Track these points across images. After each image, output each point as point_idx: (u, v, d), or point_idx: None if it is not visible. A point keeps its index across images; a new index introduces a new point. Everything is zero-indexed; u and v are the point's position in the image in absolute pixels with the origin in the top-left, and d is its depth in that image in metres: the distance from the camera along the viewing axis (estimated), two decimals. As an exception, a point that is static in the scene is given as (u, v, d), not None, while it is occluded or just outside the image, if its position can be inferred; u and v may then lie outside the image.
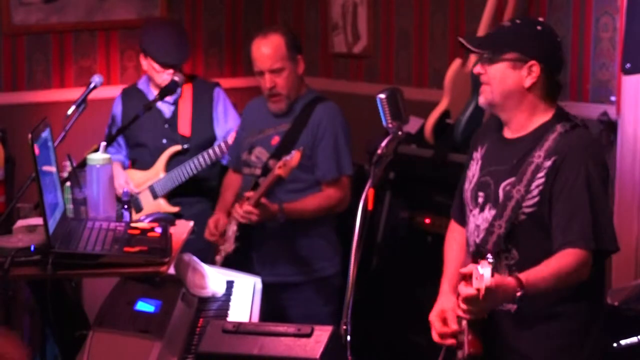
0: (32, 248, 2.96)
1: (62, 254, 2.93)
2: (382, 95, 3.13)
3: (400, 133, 3.11)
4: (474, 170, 3.14)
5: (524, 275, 2.81)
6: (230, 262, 4.18)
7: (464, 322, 2.97)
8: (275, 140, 4.24)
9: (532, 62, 2.98)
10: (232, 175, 4.50)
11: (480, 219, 3.06)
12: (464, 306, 2.81)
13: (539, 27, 3.04)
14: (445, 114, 4.68)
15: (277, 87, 4.20)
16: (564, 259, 2.88)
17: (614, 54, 4.18)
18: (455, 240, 3.29)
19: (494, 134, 3.13)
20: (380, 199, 4.83)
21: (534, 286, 2.82)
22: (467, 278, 2.79)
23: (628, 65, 3.94)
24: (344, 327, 2.94)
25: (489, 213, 3.02)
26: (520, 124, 3.04)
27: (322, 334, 2.73)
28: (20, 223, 3.28)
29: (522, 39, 3.00)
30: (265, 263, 4.22)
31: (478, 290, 2.67)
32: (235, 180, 4.46)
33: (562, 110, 3.07)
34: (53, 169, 3.27)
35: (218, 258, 4.24)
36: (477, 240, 3.03)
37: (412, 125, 4.75)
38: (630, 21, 3.92)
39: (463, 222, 3.24)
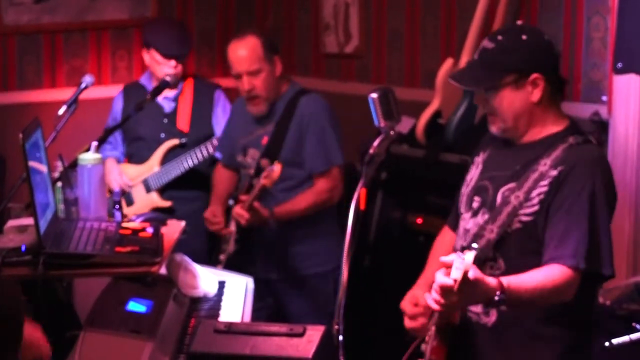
0: (23, 248, 2.95)
1: (53, 254, 2.93)
2: (374, 95, 3.12)
3: (392, 133, 3.10)
4: (472, 174, 3.04)
5: (506, 280, 2.65)
6: (232, 261, 4.20)
7: (432, 328, 2.89)
8: (266, 140, 4.25)
9: (534, 75, 2.83)
10: (222, 169, 4.53)
11: (471, 223, 2.95)
12: (436, 296, 2.61)
13: (524, 37, 2.89)
14: (437, 114, 4.67)
15: (255, 89, 4.20)
16: (550, 274, 2.72)
17: (605, 54, 4.18)
18: (441, 243, 3.20)
19: (499, 139, 2.99)
20: (372, 199, 4.83)
21: (515, 293, 2.65)
22: (446, 267, 2.59)
23: (619, 64, 3.94)
24: (336, 326, 2.93)
25: (482, 218, 2.91)
26: (531, 135, 2.91)
27: (314, 334, 2.73)
28: (11, 223, 3.27)
29: (514, 57, 2.84)
30: (265, 261, 4.24)
31: (455, 281, 2.50)
32: (225, 174, 4.48)
33: (575, 123, 2.94)
34: (44, 169, 3.27)
35: (222, 257, 4.26)
36: (464, 244, 2.92)
37: (404, 125, 4.75)
38: (622, 21, 3.92)
39: (455, 228, 3.14)
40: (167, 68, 4.77)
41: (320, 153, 4.20)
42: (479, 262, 2.74)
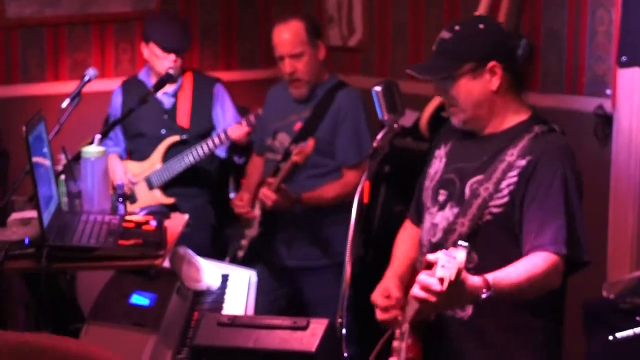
0: (27, 241, 2.95)
1: (56, 247, 2.93)
2: (378, 88, 3.12)
3: (395, 126, 3.10)
4: (436, 168, 3.01)
5: (491, 276, 2.60)
6: (254, 246, 4.21)
7: (405, 325, 2.87)
8: (298, 126, 4.27)
9: (492, 63, 2.84)
10: (256, 158, 4.56)
11: (439, 217, 2.92)
12: (421, 293, 2.51)
13: (481, 26, 2.89)
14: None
15: (297, 72, 4.23)
16: (536, 262, 2.70)
17: (609, 47, 4.17)
18: (408, 238, 3.18)
19: (460, 132, 2.98)
20: (376, 192, 4.82)
21: (502, 289, 2.61)
22: (430, 267, 2.53)
23: (624, 58, 3.93)
24: (340, 320, 2.93)
25: (450, 211, 2.89)
26: (494, 125, 2.91)
27: (317, 327, 2.72)
28: (15, 216, 3.27)
29: (471, 46, 2.85)
30: (288, 247, 4.27)
31: (441, 279, 2.44)
32: (258, 163, 4.51)
33: (538, 113, 2.95)
34: (47, 162, 3.27)
35: (244, 242, 4.27)
36: (434, 240, 2.90)
37: (408, 118, 4.74)
38: (626, 14, 3.91)
39: (418, 222, 3.14)
40: (166, 62, 4.76)
41: (354, 146, 4.23)
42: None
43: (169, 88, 4.86)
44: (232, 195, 5.21)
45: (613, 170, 4.11)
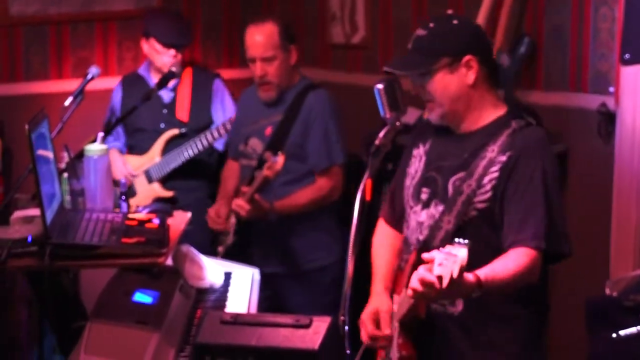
0: (30, 239, 2.96)
1: (59, 244, 2.93)
2: (380, 86, 3.12)
3: (398, 124, 3.10)
4: (416, 167, 3.04)
5: (482, 273, 2.67)
6: (231, 254, 4.19)
7: (396, 324, 2.90)
8: (269, 130, 4.24)
9: (467, 57, 2.88)
10: (232, 164, 4.52)
11: (423, 215, 2.96)
12: (418, 286, 2.54)
13: (455, 22, 2.95)
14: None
15: (267, 75, 4.20)
16: (518, 259, 2.76)
17: (613, 45, 4.16)
18: (385, 240, 3.20)
19: (438, 128, 3.02)
20: (378, 190, 4.81)
21: (491, 285, 2.68)
22: (427, 264, 2.56)
23: (627, 55, 3.92)
24: (342, 318, 2.93)
25: (435, 209, 2.92)
26: (471, 121, 2.95)
27: (320, 325, 2.73)
28: (18, 214, 3.27)
29: (447, 41, 2.90)
30: (265, 254, 4.23)
31: (439, 277, 2.47)
32: (234, 169, 4.47)
33: (514, 108, 2.99)
34: (51, 160, 3.27)
35: (220, 249, 4.25)
36: (421, 237, 2.94)
37: (410, 116, 4.72)
38: (629, 12, 3.90)
39: (394, 222, 3.17)
40: (166, 57, 4.78)
41: (323, 150, 4.20)
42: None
43: (169, 83, 4.86)
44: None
45: (616, 168, 4.11)
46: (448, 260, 2.47)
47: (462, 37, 2.91)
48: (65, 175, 3.49)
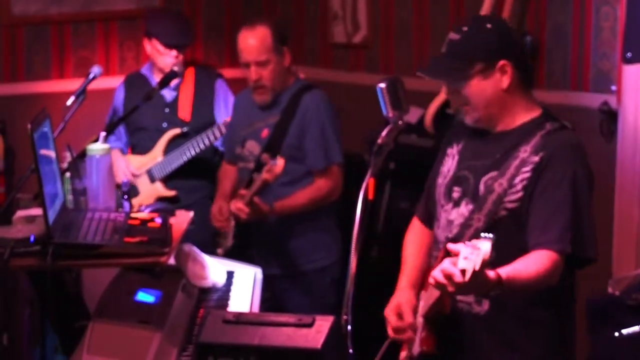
0: (32, 239, 2.95)
1: (61, 244, 2.93)
2: (382, 85, 3.12)
3: (400, 123, 3.10)
4: (449, 166, 3.05)
5: (503, 272, 2.65)
6: (230, 256, 4.19)
7: (420, 319, 2.91)
8: (265, 132, 4.24)
9: (502, 62, 2.87)
10: (227, 166, 4.53)
11: (454, 214, 2.96)
12: (440, 278, 2.56)
13: (488, 25, 2.94)
14: (446, 104, 4.66)
15: (262, 79, 4.20)
16: (540, 261, 2.76)
17: (614, 44, 4.17)
18: (416, 237, 3.21)
19: (472, 129, 3.02)
20: (381, 189, 4.82)
21: (512, 285, 2.67)
22: (453, 256, 2.57)
23: (629, 54, 3.93)
24: (345, 317, 2.93)
25: (465, 208, 2.93)
26: (506, 122, 2.95)
27: (323, 324, 2.73)
28: (20, 214, 3.27)
29: (481, 46, 2.89)
30: (264, 255, 4.23)
31: (463, 271, 2.48)
32: (230, 171, 4.48)
33: (549, 111, 2.99)
34: (53, 159, 3.27)
35: (219, 252, 4.26)
36: (451, 236, 2.93)
37: (412, 115, 4.74)
38: (631, 10, 3.91)
39: (427, 221, 3.17)
40: (168, 58, 4.80)
41: (321, 150, 4.20)
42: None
43: (171, 82, 4.87)
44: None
45: (618, 167, 4.11)
46: (473, 254, 2.49)
47: (496, 42, 2.90)
48: (68, 174, 3.49)
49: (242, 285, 3.56)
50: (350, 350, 2.95)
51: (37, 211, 3.18)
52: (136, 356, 2.85)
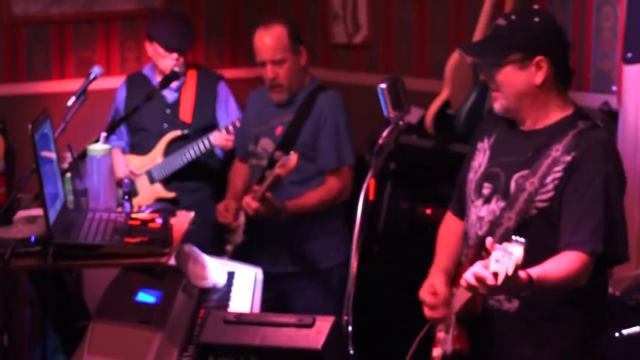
0: (33, 239, 2.95)
1: (62, 244, 2.93)
2: (383, 85, 3.11)
3: (401, 123, 3.10)
4: (480, 161, 3.05)
5: (534, 272, 2.66)
6: (239, 253, 4.20)
7: (452, 317, 2.93)
8: (279, 130, 4.24)
9: (539, 57, 2.87)
10: (239, 164, 4.52)
11: (484, 210, 2.97)
12: (472, 281, 2.59)
13: (536, 19, 2.93)
14: (446, 105, 4.67)
15: (278, 77, 4.20)
16: (571, 262, 2.77)
17: (615, 44, 4.17)
18: (449, 231, 3.23)
19: (503, 124, 3.03)
20: (381, 190, 4.82)
21: (542, 285, 2.68)
22: (480, 256, 2.63)
23: (629, 54, 3.93)
24: (346, 317, 2.93)
25: (496, 205, 2.93)
26: (536, 119, 2.94)
27: (323, 325, 2.73)
28: (21, 214, 3.27)
29: (522, 37, 2.89)
30: (272, 254, 4.23)
31: (495, 274, 2.50)
32: (242, 169, 4.48)
33: (581, 109, 2.98)
34: (53, 159, 3.27)
35: (228, 248, 4.26)
36: (480, 232, 2.95)
37: (413, 115, 4.75)
38: (632, 11, 3.91)
39: (460, 214, 3.18)
40: (169, 61, 4.81)
41: (333, 150, 4.20)
42: None
43: (173, 83, 4.87)
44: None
45: (619, 167, 4.10)
46: (505, 258, 2.50)
47: (539, 36, 2.89)
48: (68, 175, 3.49)
49: (243, 286, 3.56)
50: (351, 351, 2.95)
51: (37, 211, 3.18)
52: (137, 356, 2.85)
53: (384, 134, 3.07)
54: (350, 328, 2.93)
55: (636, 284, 3.64)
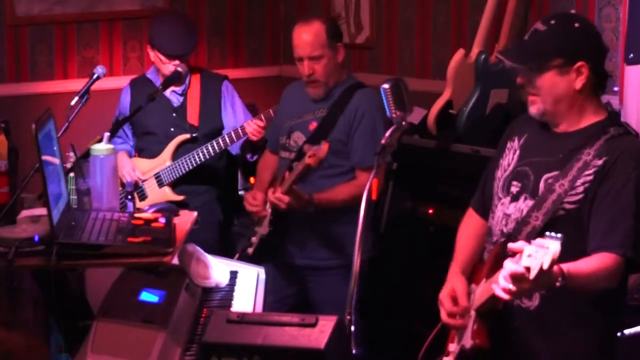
0: (36, 238, 2.96)
1: (66, 244, 2.93)
2: (386, 86, 3.12)
3: (403, 123, 3.11)
4: (509, 160, 3.06)
5: (565, 267, 2.66)
6: (264, 245, 4.21)
7: (473, 312, 2.93)
8: (313, 125, 4.26)
9: (580, 63, 2.88)
10: (269, 156, 4.54)
11: (511, 208, 2.98)
12: (507, 284, 2.58)
13: (576, 24, 2.93)
14: (448, 105, 4.67)
15: (315, 73, 4.22)
16: (603, 262, 2.78)
17: (617, 45, 4.17)
18: (470, 228, 3.24)
19: (535, 126, 3.04)
20: (384, 190, 4.83)
21: (573, 280, 2.67)
22: (514, 255, 2.59)
23: (631, 55, 3.93)
24: (348, 317, 2.94)
25: (524, 203, 2.95)
26: (571, 123, 2.96)
27: (326, 324, 2.73)
28: (24, 213, 3.28)
29: (564, 42, 2.90)
30: (298, 246, 4.25)
31: (527, 269, 2.49)
32: (271, 161, 4.49)
33: (614, 115, 3.01)
34: (57, 159, 3.28)
35: (254, 239, 4.26)
36: (506, 230, 2.97)
37: (415, 115, 4.75)
38: (633, 11, 3.91)
39: (482, 212, 3.19)
40: (171, 66, 4.78)
41: (369, 148, 4.19)
42: None
43: (178, 87, 4.88)
44: (240, 192, 5.22)
45: (621, 167, 4.11)
46: (539, 252, 2.48)
47: (580, 42, 2.90)
48: (72, 174, 3.50)
49: (246, 285, 3.57)
50: (354, 351, 2.96)
51: (41, 211, 3.18)
52: (140, 356, 2.86)
53: (387, 134, 3.08)
54: (352, 327, 2.94)
55: (638, 284, 3.64)
